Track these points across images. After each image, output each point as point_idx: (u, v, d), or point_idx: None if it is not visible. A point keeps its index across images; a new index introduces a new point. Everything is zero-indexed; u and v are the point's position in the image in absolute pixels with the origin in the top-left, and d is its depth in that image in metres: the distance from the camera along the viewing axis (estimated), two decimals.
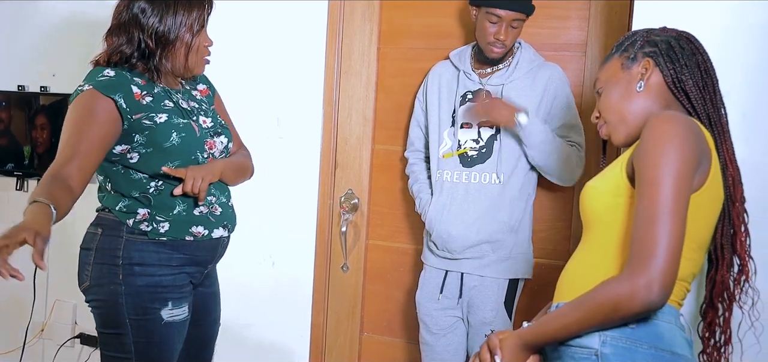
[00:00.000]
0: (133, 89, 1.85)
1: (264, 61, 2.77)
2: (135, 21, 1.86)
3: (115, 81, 1.83)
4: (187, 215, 1.92)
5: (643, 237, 1.29)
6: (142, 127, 1.84)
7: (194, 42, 1.91)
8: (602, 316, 1.33)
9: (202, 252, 1.98)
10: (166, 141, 1.86)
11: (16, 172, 3.15)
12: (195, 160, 1.92)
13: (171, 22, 1.86)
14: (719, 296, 1.56)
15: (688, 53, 1.50)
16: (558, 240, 2.50)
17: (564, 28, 2.47)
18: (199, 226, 1.94)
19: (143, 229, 1.88)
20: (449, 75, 2.40)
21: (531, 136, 2.20)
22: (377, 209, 2.76)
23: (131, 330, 1.87)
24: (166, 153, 1.87)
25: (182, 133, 1.89)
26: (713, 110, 1.50)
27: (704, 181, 1.39)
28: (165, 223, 1.89)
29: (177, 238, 1.90)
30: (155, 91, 1.90)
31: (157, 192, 1.89)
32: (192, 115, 1.97)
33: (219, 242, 2.01)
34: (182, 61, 1.92)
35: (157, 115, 1.86)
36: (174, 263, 1.92)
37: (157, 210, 1.89)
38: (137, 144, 1.85)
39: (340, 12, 2.70)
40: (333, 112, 2.74)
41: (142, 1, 1.86)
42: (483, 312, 2.29)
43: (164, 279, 1.90)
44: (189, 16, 1.88)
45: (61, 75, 3.09)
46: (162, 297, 1.88)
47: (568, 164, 2.23)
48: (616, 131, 1.56)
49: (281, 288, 2.81)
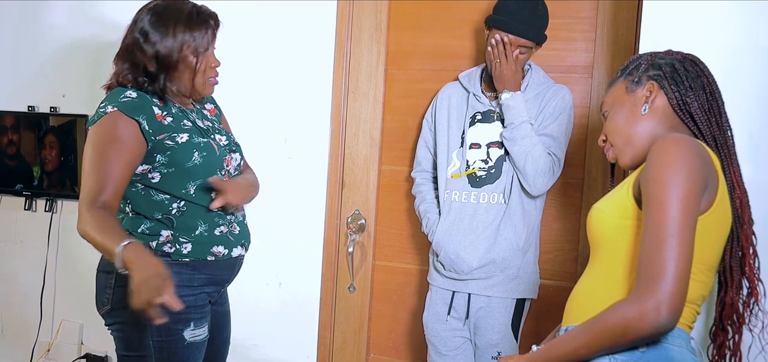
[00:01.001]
0: (154, 110, 1.85)
1: (272, 81, 2.79)
2: (137, 45, 1.86)
3: (138, 102, 1.83)
4: (208, 235, 1.92)
5: (651, 260, 1.29)
6: (165, 148, 1.85)
7: (199, 63, 1.90)
8: (611, 340, 1.32)
9: (222, 272, 1.98)
10: (188, 160, 1.87)
11: (25, 192, 3.17)
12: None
13: (172, 44, 1.85)
14: (729, 318, 1.55)
15: (693, 75, 1.51)
16: (565, 261, 2.49)
17: (571, 51, 2.48)
18: (220, 246, 1.94)
19: (166, 251, 1.87)
20: (459, 96, 2.41)
21: (508, 111, 2.22)
22: (384, 229, 2.76)
23: (154, 352, 1.86)
24: (188, 172, 1.87)
25: (204, 152, 1.89)
26: (719, 132, 1.50)
27: (712, 203, 1.39)
28: (188, 244, 1.89)
29: (199, 259, 1.90)
30: (174, 111, 1.91)
31: (179, 214, 1.89)
32: (209, 133, 1.97)
33: (237, 261, 2.02)
34: (188, 84, 1.92)
35: (178, 134, 1.87)
36: (195, 283, 1.91)
37: (180, 232, 1.88)
38: (159, 164, 1.86)
39: (347, 33, 2.72)
40: (340, 133, 2.75)
41: (145, 24, 1.86)
42: (490, 334, 2.28)
43: (187, 299, 1.87)
44: (191, 37, 1.87)
45: (71, 96, 3.12)
46: (185, 318, 1.87)
47: (537, 164, 2.20)
48: (622, 154, 1.57)
49: (288, 309, 2.80)
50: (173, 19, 1.86)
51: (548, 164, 2.22)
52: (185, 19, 1.87)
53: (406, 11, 2.68)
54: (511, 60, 2.21)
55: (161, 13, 1.87)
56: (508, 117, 2.23)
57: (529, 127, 2.22)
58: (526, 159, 2.20)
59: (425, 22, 2.65)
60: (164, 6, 1.89)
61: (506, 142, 2.25)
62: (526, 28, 2.21)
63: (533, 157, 2.20)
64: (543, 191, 2.27)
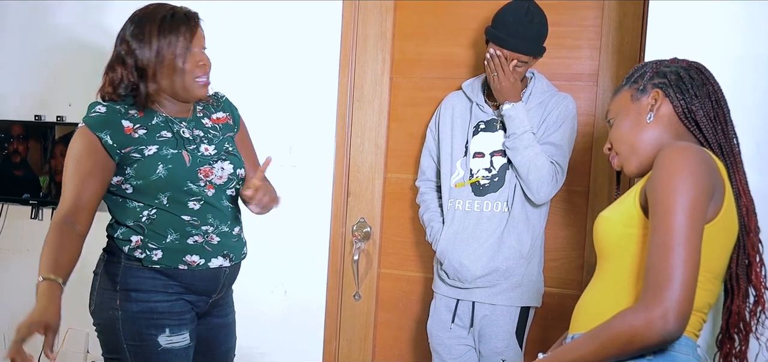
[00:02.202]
0: (124, 123, 1.87)
1: (277, 89, 2.80)
2: (119, 57, 1.90)
3: (104, 117, 1.87)
4: (179, 243, 1.92)
5: (657, 268, 1.29)
6: (132, 160, 1.87)
7: (179, 65, 1.88)
8: (618, 348, 1.32)
9: (201, 282, 1.96)
10: (152, 173, 1.87)
11: (31, 201, 3.17)
12: (188, 190, 1.91)
13: (149, 53, 1.86)
14: (735, 327, 1.55)
15: (698, 83, 1.51)
16: (571, 269, 2.49)
17: (576, 58, 2.48)
18: (194, 256, 1.93)
19: (138, 256, 1.90)
20: (462, 106, 2.41)
21: (510, 121, 2.22)
22: (389, 238, 2.76)
23: (129, 356, 1.89)
24: (154, 185, 1.88)
25: (169, 165, 1.88)
26: (725, 140, 1.50)
27: (718, 211, 1.38)
28: (158, 251, 1.90)
29: (170, 267, 1.91)
30: (153, 122, 1.91)
31: (148, 222, 1.90)
32: (191, 143, 1.95)
33: (220, 271, 1.99)
34: (175, 87, 1.91)
35: (146, 147, 1.88)
36: (171, 290, 1.93)
37: (149, 239, 1.90)
38: (129, 176, 1.88)
39: (352, 41, 2.73)
40: (345, 141, 2.75)
41: (126, 35, 1.89)
42: (494, 342, 2.28)
43: (160, 305, 1.90)
44: (168, 42, 1.86)
45: (77, 105, 3.13)
46: (158, 323, 1.90)
47: (540, 173, 2.20)
48: (627, 162, 1.57)
49: (293, 317, 2.80)
50: (148, 26, 1.87)
51: (551, 173, 2.22)
52: (158, 24, 1.87)
53: (411, 19, 2.69)
54: (508, 72, 2.21)
55: (138, 22, 1.89)
56: (510, 127, 2.23)
57: (532, 136, 2.22)
58: (529, 168, 2.20)
59: (430, 31, 2.66)
60: (141, 14, 1.91)
61: (509, 152, 2.25)
62: (522, 43, 2.20)
63: (536, 166, 2.20)
64: (546, 200, 2.27)
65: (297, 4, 2.75)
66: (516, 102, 2.23)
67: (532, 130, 2.23)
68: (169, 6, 1.93)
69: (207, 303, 2.02)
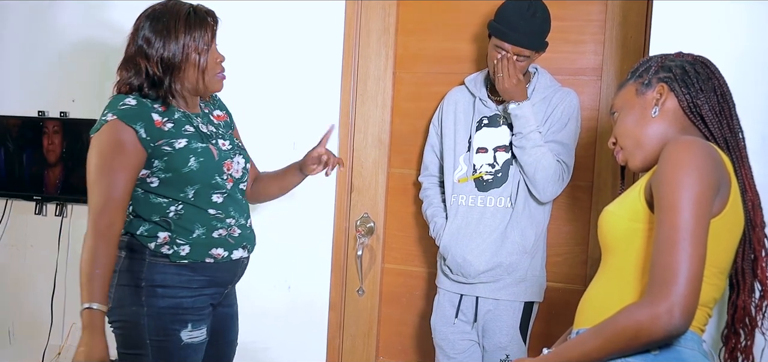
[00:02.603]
0: (154, 116, 1.88)
1: (280, 85, 2.80)
2: (140, 52, 1.90)
3: (136, 110, 1.86)
4: (206, 238, 1.94)
5: (663, 263, 1.29)
6: (162, 153, 1.87)
7: (203, 61, 1.93)
8: (623, 343, 1.32)
9: (223, 274, 2.01)
10: (184, 166, 1.89)
11: (35, 196, 3.18)
12: (214, 183, 1.95)
13: (175, 47, 1.89)
14: (741, 321, 1.54)
15: (703, 78, 1.50)
16: (575, 264, 2.49)
17: (580, 53, 2.47)
18: (219, 248, 1.96)
19: (165, 252, 1.90)
20: (465, 101, 2.41)
21: (517, 120, 2.21)
22: (393, 233, 2.76)
23: (151, 351, 1.89)
24: (185, 178, 1.90)
25: (200, 158, 1.91)
26: (730, 134, 1.49)
27: (724, 206, 1.38)
28: (185, 246, 1.91)
29: (197, 261, 1.93)
30: (176, 116, 1.93)
31: (176, 217, 1.91)
32: (211, 138, 1.99)
33: (239, 263, 2.04)
34: (195, 82, 1.95)
35: (176, 140, 1.89)
36: (195, 285, 1.94)
37: (177, 234, 1.91)
38: (157, 169, 1.89)
39: (355, 36, 2.72)
40: (349, 136, 2.75)
41: (146, 31, 1.90)
42: (498, 337, 2.28)
43: (185, 301, 1.92)
44: (192, 38, 1.91)
45: (81, 100, 3.13)
46: (182, 319, 1.91)
47: (546, 172, 2.20)
48: (632, 156, 1.57)
49: (297, 312, 2.81)
50: (173, 22, 1.90)
51: (558, 172, 2.22)
52: (184, 20, 1.91)
53: (414, 15, 2.68)
54: (514, 71, 2.20)
55: (160, 17, 1.91)
56: (516, 126, 2.23)
57: (539, 135, 2.21)
58: (535, 167, 2.20)
59: (433, 26, 2.66)
60: (161, 11, 1.93)
61: (516, 150, 2.24)
62: (524, 37, 2.19)
63: (543, 165, 2.19)
64: (552, 198, 2.27)
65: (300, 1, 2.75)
66: (522, 101, 2.22)
67: (538, 128, 2.23)
68: (187, 3, 1.97)
69: (222, 295, 2.05)
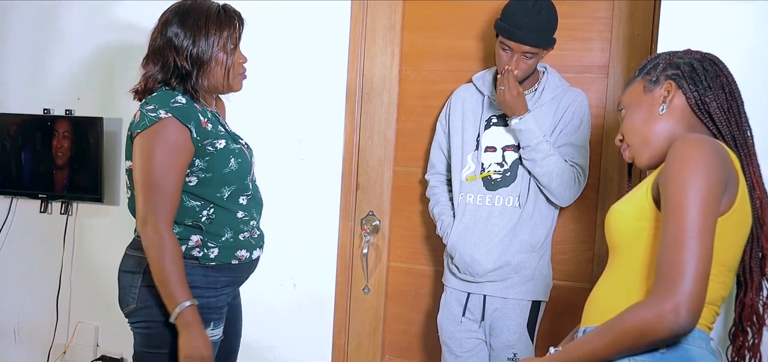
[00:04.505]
0: (200, 117, 1.89)
1: (286, 82, 2.80)
2: (169, 45, 1.89)
3: (187, 109, 1.86)
4: (234, 241, 1.96)
5: (669, 261, 1.28)
6: (205, 153, 1.88)
7: (229, 60, 1.95)
8: (630, 342, 1.31)
9: (243, 273, 2.04)
10: (225, 167, 1.91)
11: (40, 194, 3.18)
12: (246, 184, 1.98)
13: (204, 44, 1.89)
14: (748, 319, 1.54)
15: (711, 75, 1.49)
16: (581, 262, 2.48)
17: (587, 51, 2.46)
18: (243, 250, 1.99)
19: (195, 255, 1.91)
20: (474, 100, 2.40)
21: (522, 135, 2.20)
22: (398, 231, 2.75)
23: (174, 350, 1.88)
24: (224, 178, 1.91)
25: (239, 159, 1.94)
26: (738, 132, 1.49)
27: (731, 204, 1.37)
28: (215, 249, 1.93)
29: (224, 262, 1.95)
30: (209, 115, 1.94)
31: (208, 222, 1.92)
32: (238, 139, 2.02)
33: (256, 262, 2.07)
34: (221, 80, 1.96)
35: (217, 140, 1.90)
36: (219, 285, 1.96)
37: (208, 237, 1.92)
38: (197, 168, 1.89)
39: (361, 34, 2.72)
40: (354, 134, 2.74)
41: (174, 26, 1.89)
42: (506, 335, 2.27)
43: (210, 301, 1.93)
44: (221, 36, 1.92)
45: (86, 99, 3.14)
46: (207, 318, 1.91)
47: (559, 179, 2.20)
48: (639, 154, 1.56)
49: (303, 310, 2.81)
50: (204, 18, 1.90)
51: (573, 176, 2.21)
52: (215, 18, 1.92)
53: (420, 12, 2.68)
54: (513, 85, 2.19)
55: (191, 13, 1.91)
56: (523, 141, 2.22)
57: (547, 145, 2.20)
58: (550, 177, 2.20)
59: (440, 23, 2.65)
60: (190, 7, 1.92)
61: (526, 164, 2.24)
62: (530, 34, 2.17)
63: (557, 173, 2.19)
64: (572, 202, 2.27)
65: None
66: (523, 114, 2.20)
67: (546, 134, 2.21)
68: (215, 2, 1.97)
69: (236, 292, 2.10)
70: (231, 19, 1.95)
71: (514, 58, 2.20)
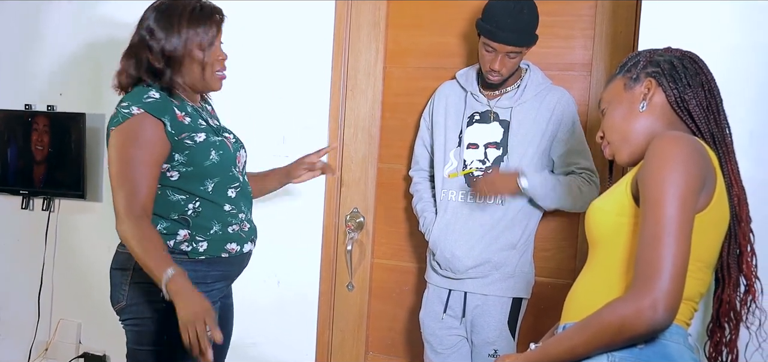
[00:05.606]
0: (175, 110, 1.88)
1: (270, 79, 2.79)
2: (143, 43, 1.90)
3: (161, 103, 1.86)
4: (222, 233, 1.96)
5: (647, 258, 1.29)
6: (184, 147, 1.88)
7: (205, 58, 1.93)
8: (608, 337, 1.32)
9: (234, 267, 2.04)
10: (206, 159, 1.91)
11: (22, 191, 3.16)
12: (231, 175, 1.97)
13: (177, 41, 1.89)
14: (726, 316, 1.55)
15: (691, 73, 1.50)
16: (563, 259, 2.49)
17: (569, 48, 2.47)
18: (233, 243, 1.98)
19: (184, 249, 1.91)
20: (457, 96, 2.40)
21: (536, 190, 2.21)
22: (382, 228, 2.76)
23: (166, 347, 1.88)
24: (206, 171, 1.91)
25: (220, 151, 1.94)
26: (717, 129, 1.50)
27: (709, 201, 1.38)
28: (204, 243, 1.93)
29: (214, 256, 1.94)
30: (189, 110, 1.94)
31: (194, 215, 1.92)
32: (221, 131, 2.01)
33: (247, 256, 2.07)
34: (198, 77, 1.95)
35: (196, 133, 1.90)
36: (209, 280, 1.95)
37: (196, 231, 1.92)
38: (178, 163, 1.89)
39: (346, 31, 2.71)
40: (338, 131, 2.74)
41: (150, 22, 1.90)
42: (486, 332, 2.28)
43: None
44: (195, 32, 1.91)
45: (68, 94, 3.11)
46: None
47: (579, 196, 2.22)
48: (619, 151, 1.57)
49: (286, 307, 2.80)
50: (178, 15, 1.90)
51: (586, 184, 2.23)
52: (189, 15, 1.91)
53: (404, 9, 2.68)
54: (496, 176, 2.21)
55: (166, 10, 1.91)
56: (537, 198, 2.23)
57: (553, 179, 2.22)
58: (564, 202, 2.23)
59: (424, 20, 2.65)
60: (168, 4, 1.93)
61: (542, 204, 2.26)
62: (512, 34, 2.17)
63: (572, 195, 2.21)
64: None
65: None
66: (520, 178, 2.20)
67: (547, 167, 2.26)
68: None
69: (228, 288, 2.09)
70: (208, 16, 1.94)
71: (499, 59, 2.20)
